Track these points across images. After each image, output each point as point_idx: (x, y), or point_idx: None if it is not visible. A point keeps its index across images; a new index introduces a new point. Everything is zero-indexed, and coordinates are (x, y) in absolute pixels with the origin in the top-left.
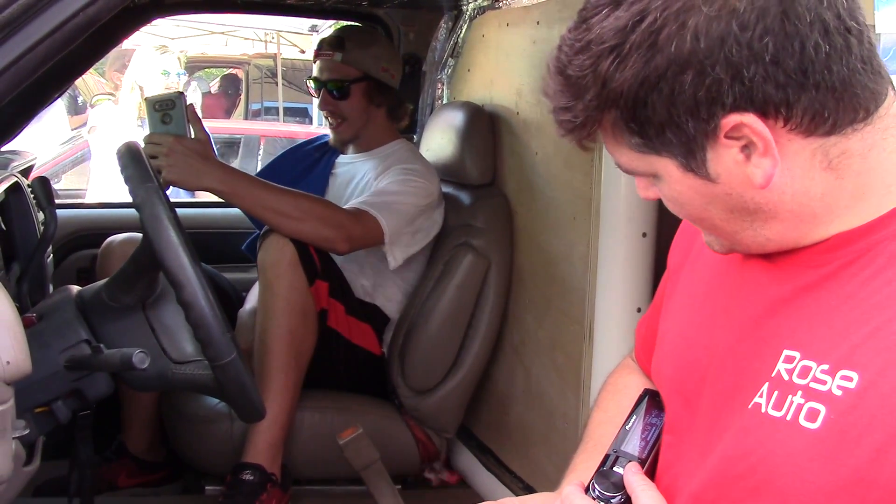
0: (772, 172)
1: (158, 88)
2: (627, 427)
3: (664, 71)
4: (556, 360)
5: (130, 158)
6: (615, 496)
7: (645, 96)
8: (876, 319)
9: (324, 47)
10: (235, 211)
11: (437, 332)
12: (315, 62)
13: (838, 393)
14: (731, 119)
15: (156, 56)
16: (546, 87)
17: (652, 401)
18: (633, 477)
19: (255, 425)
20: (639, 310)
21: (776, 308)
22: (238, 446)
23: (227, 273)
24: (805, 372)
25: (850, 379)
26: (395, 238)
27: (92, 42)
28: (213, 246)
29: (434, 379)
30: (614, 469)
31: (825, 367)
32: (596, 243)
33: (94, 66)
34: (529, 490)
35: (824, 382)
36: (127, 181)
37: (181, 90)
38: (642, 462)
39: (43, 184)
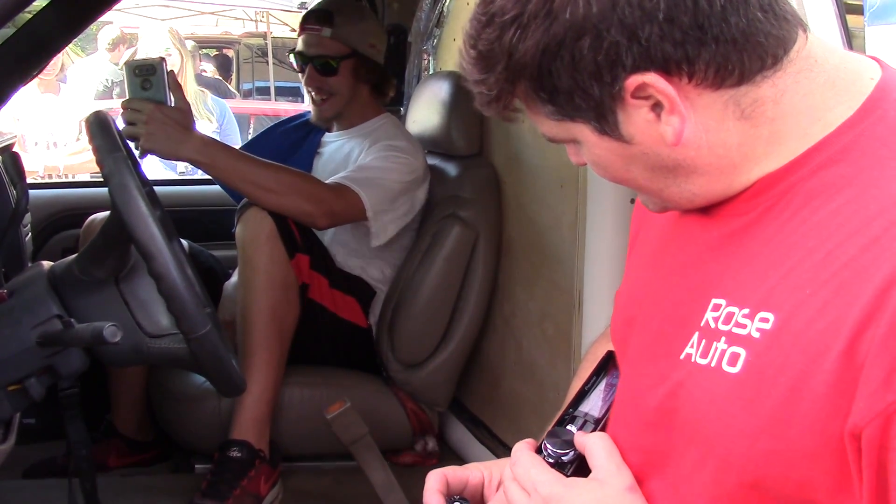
0: (681, 129)
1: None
2: (586, 388)
3: (563, 38)
4: (546, 331)
5: (98, 128)
6: (566, 453)
7: (548, 64)
8: (791, 259)
9: (311, 20)
10: None
11: (426, 306)
12: (300, 36)
13: (757, 335)
14: (634, 80)
15: (164, 36)
16: (461, 62)
17: (614, 362)
18: (583, 435)
19: (240, 401)
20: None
21: (704, 257)
22: (226, 424)
23: (217, 251)
24: (729, 318)
25: (766, 321)
26: (377, 214)
27: (65, 20)
28: (202, 223)
29: (424, 352)
30: (567, 428)
31: (746, 311)
32: (584, 211)
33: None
34: None
35: (744, 326)
36: (95, 151)
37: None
38: (598, 420)
39: (13, 159)
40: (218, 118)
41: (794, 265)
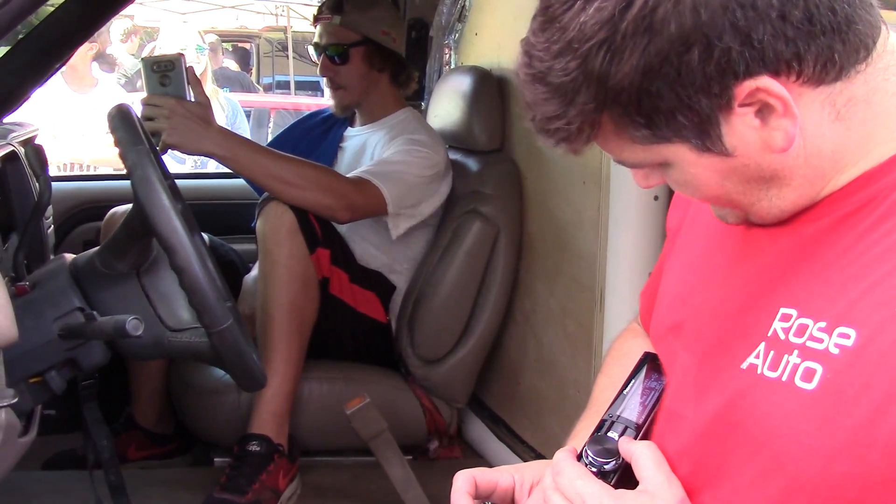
0: (794, 132)
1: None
2: (625, 391)
3: (667, 54)
4: (566, 328)
5: (121, 121)
6: (608, 462)
7: (650, 85)
8: (874, 273)
9: (323, 11)
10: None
11: (446, 301)
12: (315, 26)
13: (835, 351)
14: (746, 86)
15: (180, 31)
16: (526, 98)
17: (652, 364)
18: (629, 443)
19: (260, 395)
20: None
21: (769, 263)
22: (246, 418)
23: (237, 244)
24: (802, 330)
25: (847, 336)
26: (397, 208)
27: (88, 12)
28: (223, 217)
29: (444, 348)
30: (608, 434)
31: (822, 324)
32: (606, 208)
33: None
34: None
35: (821, 341)
36: (118, 144)
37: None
38: (639, 427)
39: (37, 152)
40: (229, 116)
41: (879, 280)
